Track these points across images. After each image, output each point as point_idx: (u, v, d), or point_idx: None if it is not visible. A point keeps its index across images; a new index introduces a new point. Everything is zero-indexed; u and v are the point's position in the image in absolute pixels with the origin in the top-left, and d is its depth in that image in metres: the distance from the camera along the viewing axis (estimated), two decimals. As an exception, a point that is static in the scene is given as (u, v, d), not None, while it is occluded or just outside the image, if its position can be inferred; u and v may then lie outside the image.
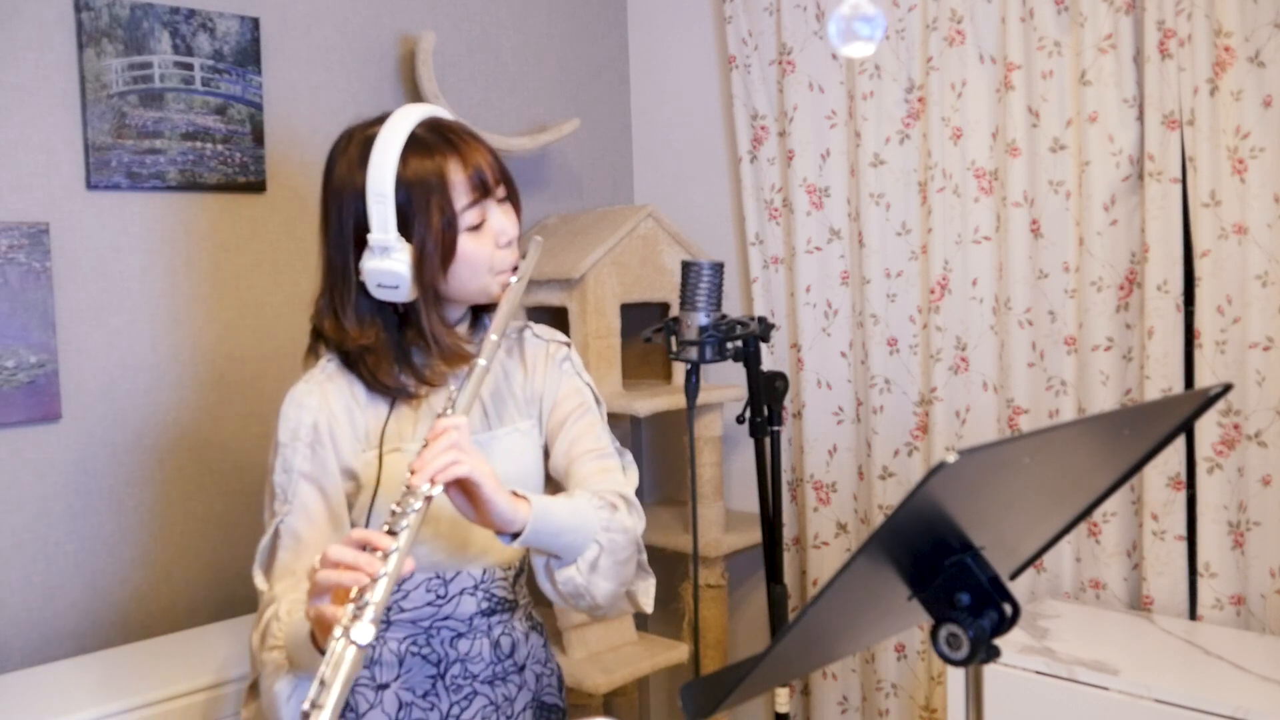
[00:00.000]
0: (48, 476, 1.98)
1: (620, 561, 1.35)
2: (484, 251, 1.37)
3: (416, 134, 1.35)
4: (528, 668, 1.50)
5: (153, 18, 2.06)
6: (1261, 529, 2.00)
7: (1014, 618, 0.92)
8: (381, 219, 1.32)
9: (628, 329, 2.50)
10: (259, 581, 1.37)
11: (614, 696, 2.46)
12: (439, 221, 1.33)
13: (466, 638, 1.44)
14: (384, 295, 1.35)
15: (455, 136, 1.36)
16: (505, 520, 1.24)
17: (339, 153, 1.39)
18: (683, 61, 2.86)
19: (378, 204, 1.32)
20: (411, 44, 2.43)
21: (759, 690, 1.04)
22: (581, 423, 1.48)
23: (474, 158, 1.36)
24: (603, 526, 1.33)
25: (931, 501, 0.83)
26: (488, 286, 1.39)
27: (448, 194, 1.33)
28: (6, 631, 1.94)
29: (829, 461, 2.59)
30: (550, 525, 1.27)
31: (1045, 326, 2.24)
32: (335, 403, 1.39)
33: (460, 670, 1.44)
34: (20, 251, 1.92)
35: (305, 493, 1.37)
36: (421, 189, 1.32)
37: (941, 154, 2.36)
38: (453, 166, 1.34)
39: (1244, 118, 1.97)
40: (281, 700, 1.25)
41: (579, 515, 1.31)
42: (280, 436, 1.39)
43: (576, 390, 1.51)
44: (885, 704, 2.50)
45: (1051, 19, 2.19)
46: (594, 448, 1.47)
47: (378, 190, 1.32)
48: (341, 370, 1.42)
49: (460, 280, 1.37)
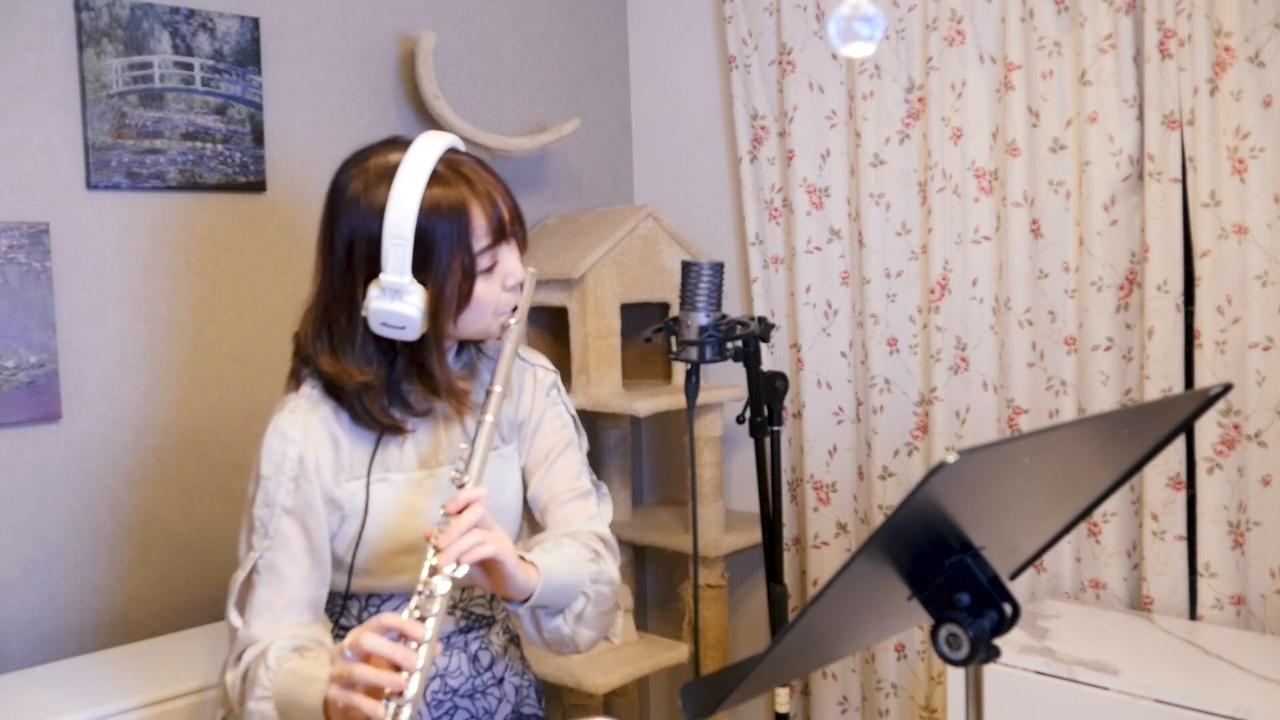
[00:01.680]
0: (48, 476, 1.98)
1: (604, 612, 1.40)
2: (492, 294, 1.35)
3: (438, 172, 1.31)
4: (506, 680, 1.51)
5: (153, 18, 2.06)
6: (1261, 529, 2.00)
7: (1014, 618, 0.92)
8: (398, 261, 1.27)
9: (628, 329, 2.50)
10: (233, 619, 1.34)
11: (614, 696, 2.46)
12: (459, 268, 1.30)
13: (445, 653, 1.45)
14: (387, 334, 1.32)
15: (476, 176, 1.33)
16: (519, 590, 1.26)
17: (349, 179, 1.33)
18: (683, 61, 2.86)
19: (396, 245, 1.27)
20: (411, 44, 2.43)
21: (759, 690, 1.04)
22: (563, 459, 1.49)
23: (494, 199, 1.33)
24: (590, 579, 1.37)
25: (931, 501, 0.83)
26: (489, 327, 1.38)
27: (468, 240, 1.30)
28: (6, 631, 1.94)
29: (829, 461, 2.59)
30: (552, 586, 1.31)
31: (1045, 326, 2.24)
32: (319, 432, 1.37)
33: (440, 685, 1.44)
34: (20, 251, 1.92)
35: (287, 528, 1.34)
36: (443, 234, 1.29)
37: (941, 154, 2.36)
38: (475, 210, 1.31)
39: (1244, 118, 1.97)
40: None
41: (573, 570, 1.35)
42: (263, 469, 1.36)
43: (561, 423, 1.50)
44: (885, 704, 2.50)
45: (1051, 19, 2.19)
46: (572, 487, 1.49)
47: (397, 232, 1.27)
48: (325, 398, 1.38)
49: (465, 322, 1.36)
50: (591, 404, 2.41)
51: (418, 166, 1.29)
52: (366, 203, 1.30)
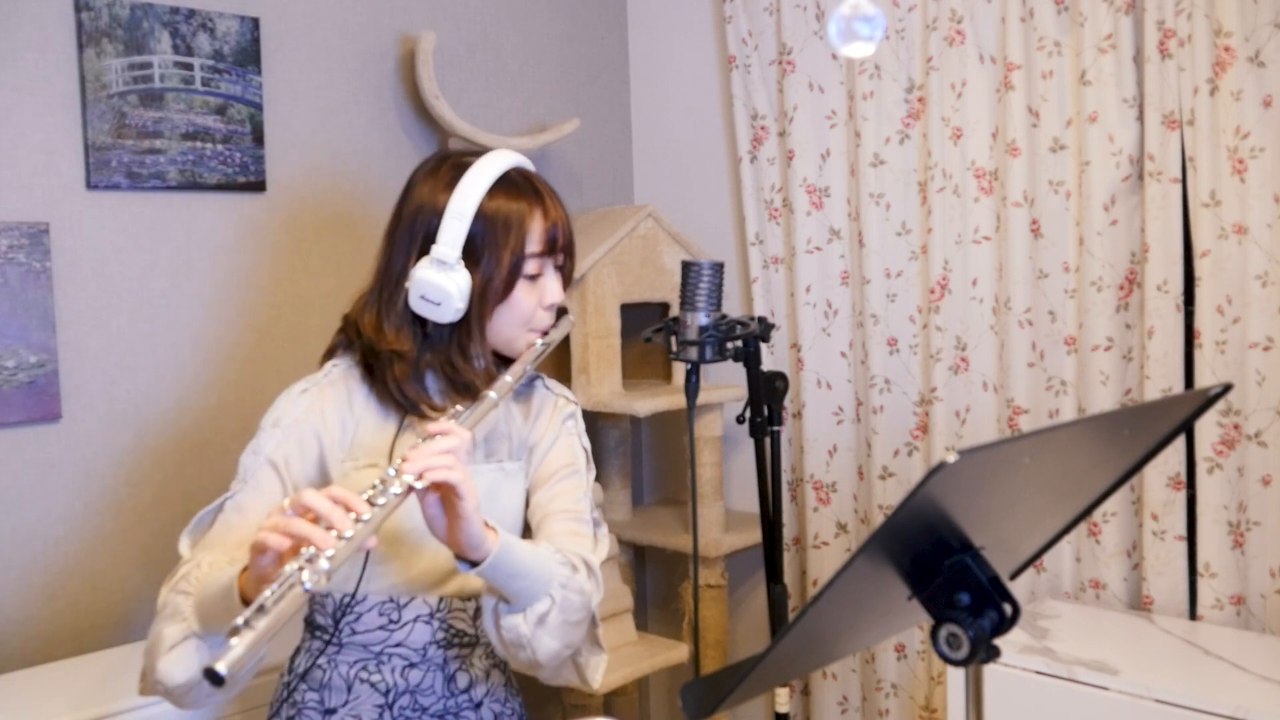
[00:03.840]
0: (48, 476, 1.98)
1: (571, 623, 1.30)
2: (529, 304, 1.39)
3: (512, 176, 1.38)
4: (485, 705, 1.45)
5: (153, 18, 2.06)
6: (1261, 529, 2.00)
7: (1014, 618, 0.92)
8: (453, 237, 1.33)
9: (628, 329, 2.50)
10: (182, 545, 1.32)
11: (614, 696, 2.46)
12: (507, 263, 1.35)
13: (419, 668, 1.40)
14: (423, 309, 1.35)
15: (546, 192, 1.40)
16: (473, 543, 1.20)
17: (427, 171, 1.41)
18: (683, 61, 2.86)
19: (454, 220, 1.34)
20: (411, 44, 2.43)
21: (759, 690, 1.04)
22: (566, 482, 1.46)
23: (555, 214, 1.40)
24: (560, 583, 1.29)
25: (931, 501, 0.83)
26: (517, 339, 1.40)
27: (523, 236, 1.36)
28: (6, 631, 1.94)
29: (829, 461, 2.59)
30: (511, 563, 1.24)
31: (1045, 326, 2.24)
32: (329, 407, 1.38)
33: (409, 701, 1.39)
34: (20, 251, 1.92)
35: (266, 478, 1.34)
36: (501, 223, 1.35)
37: (941, 154, 2.36)
38: (536, 214, 1.38)
39: (1244, 118, 1.97)
40: (165, 645, 1.20)
41: (541, 564, 1.28)
42: (263, 422, 1.38)
43: (571, 451, 1.48)
44: (885, 704, 2.50)
45: (1051, 19, 2.19)
46: (571, 509, 1.44)
47: (459, 209, 1.34)
48: (346, 377, 1.41)
49: (499, 324, 1.39)
50: (591, 404, 2.41)
51: (493, 163, 1.37)
52: (438, 185, 1.37)
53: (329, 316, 2.31)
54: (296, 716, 1.41)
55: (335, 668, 1.40)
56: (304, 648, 1.45)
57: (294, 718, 1.41)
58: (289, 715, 1.42)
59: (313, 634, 1.44)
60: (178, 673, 1.19)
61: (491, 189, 1.36)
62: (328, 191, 2.33)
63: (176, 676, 1.19)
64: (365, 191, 2.39)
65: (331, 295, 2.31)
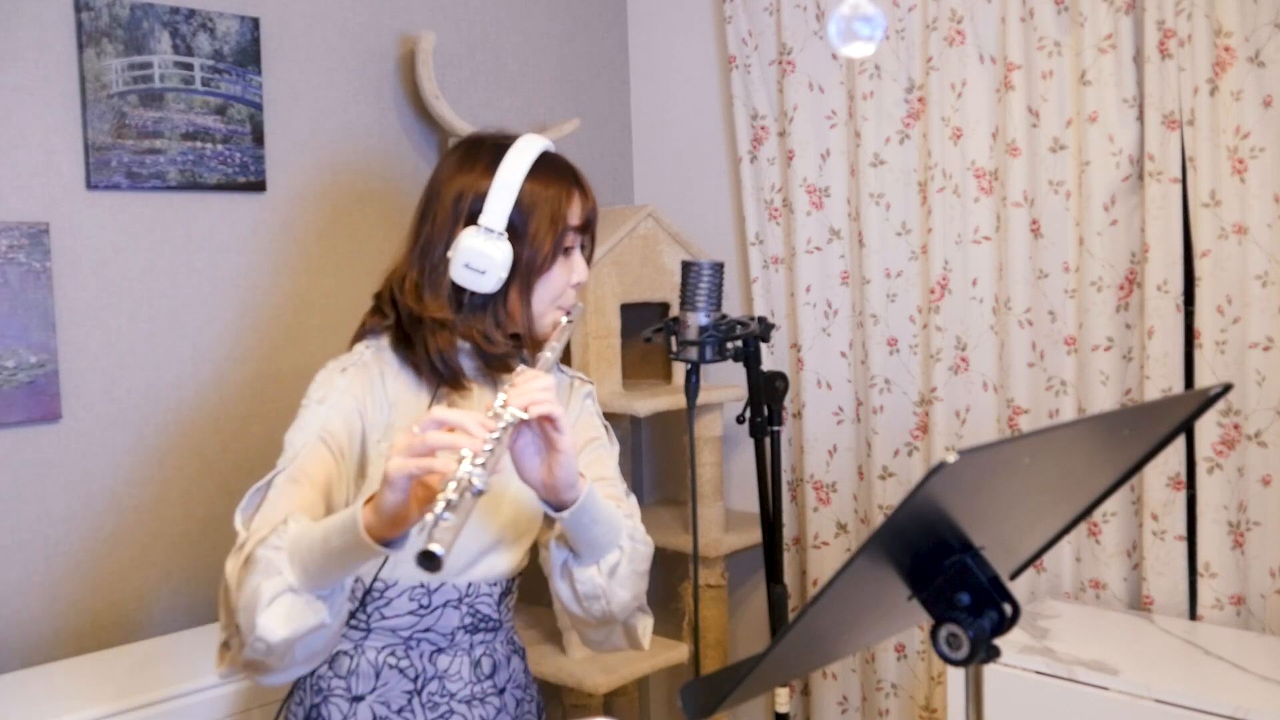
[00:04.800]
0: (48, 476, 1.98)
1: (638, 572, 1.36)
2: (563, 280, 1.43)
3: (548, 156, 1.43)
4: (508, 691, 1.48)
5: (153, 18, 2.06)
6: (1261, 529, 2.00)
7: (1014, 618, 0.92)
8: (500, 207, 1.36)
9: (628, 329, 2.50)
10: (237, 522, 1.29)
11: (614, 696, 2.46)
12: (550, 235, 1.39)
13: (446, 653, 1.43)
14: (465, 278, 1.36)
15: (581, 177, 1.46)
16: (569, 480, 1.22)
17: (466, 149, 1.44)
18: (683, 61, 2.86)
19: (502, 192, 1.37)
20: (411, 44, 2.43)
21: (759, 690, 1.04)
22: (595, 454, 1.48)
23: (591, 198, 1.46)
24: (628, 534, 1.34)
25: (931, 501, 0.83)
26: (546, 314, 1.43)
27: (564, 213, 1.41)
28: (6, 631, 1.94)
29: (829, 461, 2.59)
30: (593, 510, 1.27)
31: (1045, 326, 2.24)
32: (365, 387, 1.39)
33: (438, 687, 1.42)
34: (20, 251, 1.92)
35: (317, 451, 1.33)
36: (546, 197, 1.40)
37: (941, 154, 2.36)
38: (575, 195, 1.43)
39: (1244, 118, 1.97)
40: (264, 600, 1.15)
41: (613, 515, 1.33)
42: (305, 400, 1.38)
43: (594, 426, 1.51)
44: (885, 704, 2.50)
45: (1051, 19, 2.19)
46: (605, 477, 1.47)
47: (506, 181, 1.37)
48: (378, 359, 1.41)
49: (534, 297, 1.41)
50: (591, 404, 2.41)
51: (534, 143, 1.42)
52: (480, 161, 1.40)
53: (329, 316, 2.33)
54: (323, 704, 1.41)
55: (363, 654, 1.41)
56: None
57: (319, 705, 1.42)
58: (314, 703, 1.42)
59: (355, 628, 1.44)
60: (279, 627, 1.15)
61: (533, 168, 1.39)
62: (328, 191, 2.33)
63: (279, 631, 1.15)
64: (365, 191, 2.39)
65: (331, 295, 2.31)
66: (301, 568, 1.16)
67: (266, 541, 1.19)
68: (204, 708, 1.80)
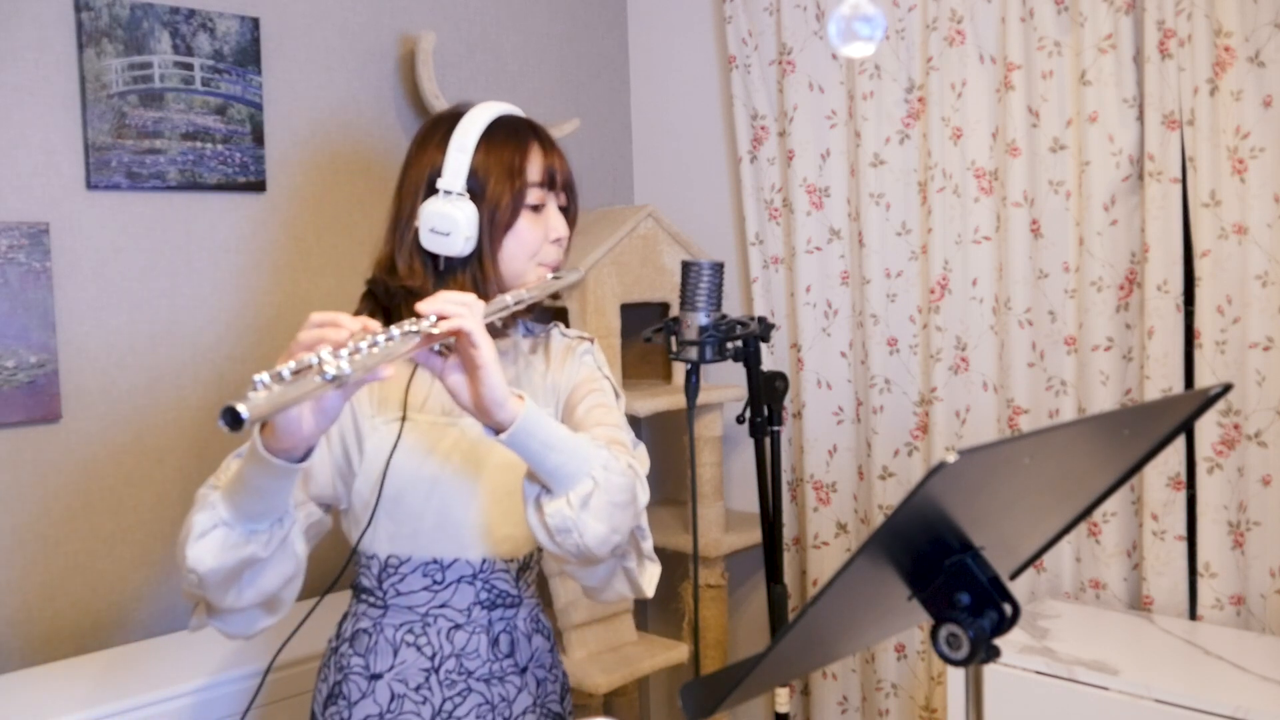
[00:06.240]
0: (48, 476, 1.98)
1: (616, 504, 1.26)
2: (536, 235, 1.43)
3: (513, 118, 1.44)
4: (530, 670, 1.47)
5: (153, 18, 2.06)
6: (1261, 529, 2.00)
7: (1014, 618, 0.92)
8: (456, 166, 1.38)
9: (628, 329, 2.50)
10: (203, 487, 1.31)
11: (614, 696, 2.46)
12: (508, 191, 1.39)
13: (464, 630, 1.42)
14: (433, 243, 1.37)
15: (544, 135, 1.46)
16: (496, 398, 1.18)
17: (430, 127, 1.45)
18: (683, 61, 2.86)
19: (457, 154, 1.38)
20: (411, 44, 2.43)
21: (759, 690, 1.04)
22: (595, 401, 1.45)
23: (553, 154, 1.45)
24: (601, 464, 1.25)
25: (931, 501, 0.83)
26: (526, 272, 1.43)
27: (523, 168, 1.41)
28: (6, 631, 1.94)
29: (829, 461, 2.59)
30: (542, 434, 1.21)
31: (1045, 326, 2.24)
32: None
33: (455, 665, 1.41)
34: (20, 251, 1.92)
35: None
36: (501, 155, 1.40)
37: (941, 154, 2.36)
38: (534, 150, 1.43)
39: (1244, 118, 1.97)
40: (195, 533, 1.21)
41: (579, 443, 1.25)
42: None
43: (595, 378, 1.49)
44: (885, 704, 2.50)
45: (1051, 19, 2.19)
46: (605, 421, 1.42)
47: (460, 143, 1.38)
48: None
49: (507, 255, 1.41)
50: (591, 404, 2.41)
51: (490, 106, 1.43)
52: (438, 133, 1.42)
53: (329, 316, 2.33)
54: (343, 681, 1.42)
55: (381, 631, 1.42)
56: (351, 612, 1.47)
57: (341, 682, 1.43)
58: (336, 680, 1.44)
59: (358, 597, 1.46)
60: (208, 558, 1.20)
61: (490, 128, 1.41)
62: (328, 191, 2.33)
63: (206, 561, 1.20)
64: (365, 192, 2.39)
65: (331, 295, 2.31)
66: (231, 501, 1.20)
67: (207, 481, 1.27)
68: (204, 708, 1.80)
